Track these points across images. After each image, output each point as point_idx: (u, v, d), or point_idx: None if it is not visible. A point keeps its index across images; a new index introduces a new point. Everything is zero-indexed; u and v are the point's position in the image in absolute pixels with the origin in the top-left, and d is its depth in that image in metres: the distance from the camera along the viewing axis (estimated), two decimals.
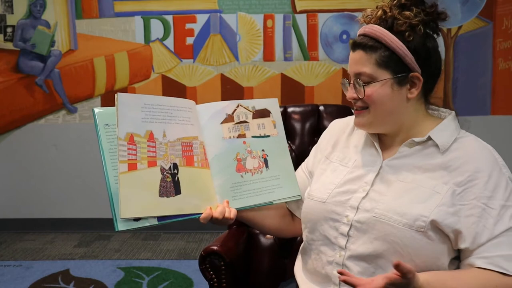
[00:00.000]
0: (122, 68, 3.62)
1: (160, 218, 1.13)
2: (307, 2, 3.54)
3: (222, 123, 1.27)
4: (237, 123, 1.29)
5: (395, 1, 1.15)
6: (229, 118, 1.28)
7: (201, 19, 3.56)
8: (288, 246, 1.69)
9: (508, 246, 1.08)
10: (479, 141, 1.18)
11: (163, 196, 1.13)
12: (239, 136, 1.28)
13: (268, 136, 1.32)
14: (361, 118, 1.19)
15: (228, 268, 1.50)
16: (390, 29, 1.14)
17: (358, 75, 1.16)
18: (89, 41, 3.60)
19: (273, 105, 1.35)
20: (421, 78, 1.15)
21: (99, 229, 3.69)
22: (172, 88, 3.60)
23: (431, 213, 1.09)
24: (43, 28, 3.56)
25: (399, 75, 1.14)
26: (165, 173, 1.15)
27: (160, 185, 1.14)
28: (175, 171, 1.17)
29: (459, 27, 3.48)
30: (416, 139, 1.17)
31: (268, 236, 1.71)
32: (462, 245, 1.10)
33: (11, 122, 3.67)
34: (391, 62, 1.13)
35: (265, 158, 1.29)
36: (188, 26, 3.57)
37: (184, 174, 1.17)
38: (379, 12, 1.15)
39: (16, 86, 3.63)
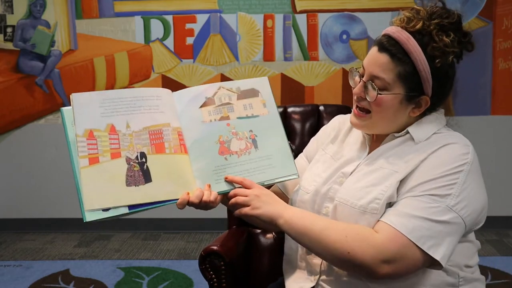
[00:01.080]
0: (122, 68, 3.62)
1: (131, 206, 1.14)
2: (307, 2, 3.54)
3: (201, 107, 1.26)
4: (218, 105, 1.26)
5: (436, 20, 1.12)
6: (209, 102, 1.26)
7: (201, 19, 3.56)
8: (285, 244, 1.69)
9: (404, 205, 1.08)
10: (456, 137, 1.17)
11: (131, 186, 1.14)
12: (222, 118, 1.25)
13: (257, 116, 1.28)
14: (360, 121, 1.20)
15: (228, 268, 1.50)
16: (424, 47, 1.11)
17: (374, 77, 1.15)
18: (89, 41, 3.60)
19: (262, 84, 1.32)
20: (428, 102, 1.15)
21: (99, 229, 3.69)
22: (172, 88, 3.56)
23: (385, 194, 1.10)
24: (43, 28, 3.56)
25: (411, 94, 1.14)
26: (131, 162, 1.16)
27: (127, 175, 1.15)
28: (143, 159, 1.17)
29: None
30: (396, 134, 1.19)
31: (268, 236, 1.71)
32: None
33: (11, 122, 3.67)
34: (410, 79, 1.13)
35: (254, 138, 1.26)
36: (188, 26, 3.57)
37: (154, 162, 1.17)
38: (419, 25, 1.12)
39: (16, 86, 3.63)
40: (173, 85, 3.60)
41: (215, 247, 1.51)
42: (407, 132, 1.18)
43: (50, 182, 3.70)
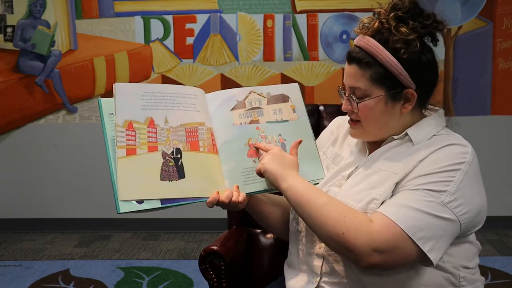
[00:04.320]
0: (122, 68, 3.62)
1: (164, 201, 1.14)
2: (307, 2, 3.54)
3: (232, 110, 1.28)
4: (249, 109, 1.29)
5: (392, 14, 1.13)
6: (240, 105, 1.29)
7: (201, 19, 3.56)
8: (288, 246, 1.69)
9: (399, 197, 1.09)
10: (456, 138, 1.16)
11: (164, 180, 1.15)
12: (252, 122, 1.28)
13: (286, 120, 1.31)
14: (355, 130, 1.22)
15: (228, 268, 1.50)
16: (386, 44, 1.12)
17: (352, 89, 1.17)
18: (89, 41, 3.60)
19: (292, 90, 1.35)
20: (415, 94, 1.15)
21: (99, 229, 3.69)
22: None
23: (383, 195, 1.10)
24: (43, 28, 3.56)
25: (393, 92, 1.14)
26: (167, 157, 1.17)
27: (162, 169, 1.16)
28: (178, 155, 1.19)
29: (459, 27, 3.48)
30: (395, 137, 1.19)
31: (268, 236, 1.71)
32: None
33: (11, 122, 3.67)
34: (385, 79, 1.13)
35: (283, 142, 1.28)
36: (188, 26, 3.57)
37: (188, 159, 1.19)
38: (376, 24, 1.14)
39: (16, 86, 3.63)
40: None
41: (215, 247, 1.51)
42: (406, 134, 1.18)
43: (50, 182, 3.70)
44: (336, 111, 1.82)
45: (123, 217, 3.62)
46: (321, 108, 1.83)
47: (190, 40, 3.59)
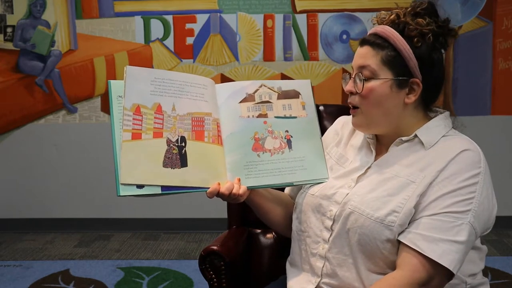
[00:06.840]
0: (122, 68, 3.61)
1: (164, 188, 1.15)
2: (307, 2, 3.54)
3: (240, 102, 1.28)
4: (258, 102, 1.28)
5: (409, 9, 1.17)
6: (249, 98, 1.28)
7: (201, 19, 3.56)
8: (289, 246, 1.68)
9: (429, 228, 1.09)
10: (467, 141, 1.17)
11: (167, 167, 1.16)
12: (260, 115, 1.28)
13: (295, 117, 1.30)
14: (356, 118, 1.21)
15: (228, 268, 1.50)
16: (401, 32, 1.15)
17: (361, 68, 1.17)
18: (89, 41, 3.60)
19: (304, 86, 1.34)
20: (420, 85, 1.15)
21: (99, 229, 3.69)
22: None
23: (403, 207, 1.10)
24: (43, 28, 3.56)
25: (400, 78, 1.15)
26: (171, 145, 1.18)
27: (165, 156, 1.16)
28: (183, 144, 1.19)
29: (459, 27, 3.48)
30: (404, 138, 1.19)
31: (268, 236, 1.71)
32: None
33: (11, 122, 3.67)
34: (395, 63, 1.15)
35: (289, 139, 1.28)
36: (188, 26, 3.57)
37: (192, 148, 1.19)
38: (393, 16, 1.18)
39: (16, 86, 3.63)
40: None
41: (215, 247, 1.51)
42: (415, 136, 1.18)
43: (50, 182, 3.70)
44: (336, 111, 1.82)
45: (123, 217, 3.62)
46: (321, 108, 1.83)
47: (190, 40, 3.59)
